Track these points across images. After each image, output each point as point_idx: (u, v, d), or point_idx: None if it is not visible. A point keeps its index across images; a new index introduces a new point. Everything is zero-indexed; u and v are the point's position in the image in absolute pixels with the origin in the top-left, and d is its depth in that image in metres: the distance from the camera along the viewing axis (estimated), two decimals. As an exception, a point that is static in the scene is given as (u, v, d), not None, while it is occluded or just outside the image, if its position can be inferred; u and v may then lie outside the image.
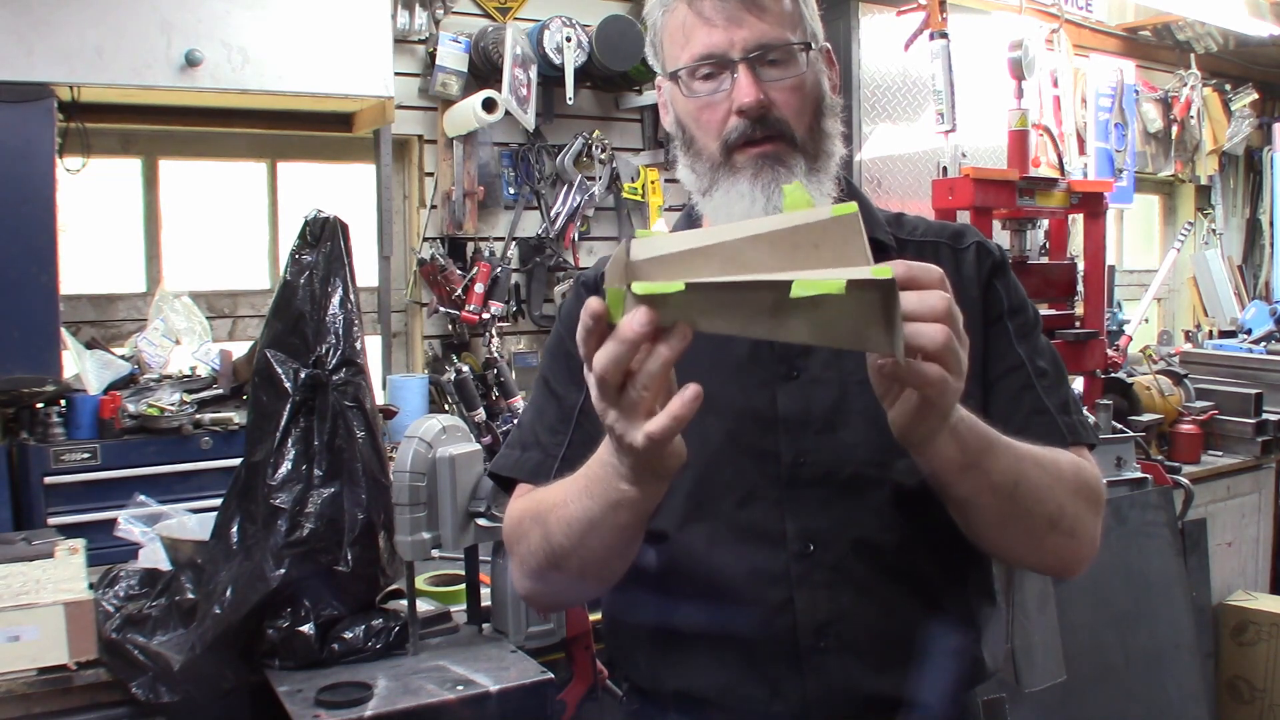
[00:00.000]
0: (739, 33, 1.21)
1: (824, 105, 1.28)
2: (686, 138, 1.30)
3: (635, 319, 0.89)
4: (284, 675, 1.76)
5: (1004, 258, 1.36)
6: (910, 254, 1.29)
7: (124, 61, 2.48)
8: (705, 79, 1.24)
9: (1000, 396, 1.28)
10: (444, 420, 1.87)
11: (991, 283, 1.32)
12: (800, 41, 1.23)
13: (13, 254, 2.38)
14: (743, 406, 1.25)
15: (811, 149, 1.25)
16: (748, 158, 1.23)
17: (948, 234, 1.36)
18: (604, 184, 3.46)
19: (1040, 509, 1.15)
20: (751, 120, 1.22)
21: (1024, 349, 1.30)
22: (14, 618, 1.73)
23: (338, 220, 1.97)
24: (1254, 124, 5.60)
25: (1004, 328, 1.30)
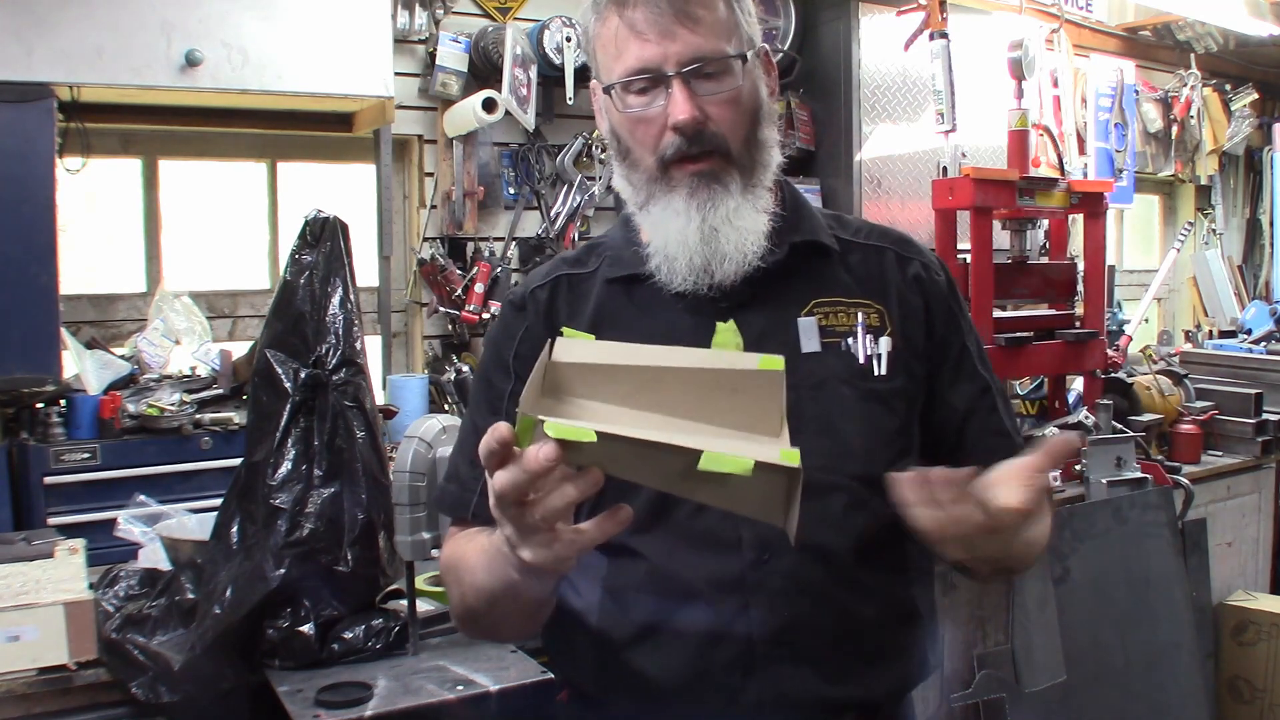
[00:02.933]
0: (672, 46, 1.18)
1: (760, 114, 1.27)
2: (622, 149, 1.29)
3: (542, 453, 0.86)
4: (284, 675, 1.76)
5: (949, 276, 1.37)
6: (854, 256, 1.31)
7: (124, 61, 2.48)
8: (639, 93, 1.22)
9: (971, 420, 1.32)
10: (444, 420, 1.87)
11: (948, 305, 1.33)
12: (735, 53, 1.21)
13: (13, 254, 2.38)
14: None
15: (747, 162, 1.24)
16: (684, 174, 1.22)
17: (892, 239, 1.35)
18: (604, 184, 3.46)
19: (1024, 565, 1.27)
20: (687, 137, 1.20)
21: (984, 371, 1.34)
22: (14, 618, 1.73)
23: (338, 220, 1.97)
24: (1254, 124, 5.60)
25: (967, 349, 1.33)
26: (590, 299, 1.33)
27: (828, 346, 1.25)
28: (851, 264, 1.31)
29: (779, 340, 1.23)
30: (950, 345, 1.31)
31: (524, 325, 1.35)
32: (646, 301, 1.29)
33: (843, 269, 1.30)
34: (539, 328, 1.34)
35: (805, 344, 1.25)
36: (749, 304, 1.25)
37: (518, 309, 1.36)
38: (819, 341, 1.25)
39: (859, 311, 1.27)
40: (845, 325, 1.27)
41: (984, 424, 1.31)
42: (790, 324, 1.25)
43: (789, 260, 1.27)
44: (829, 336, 1.26)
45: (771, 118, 1.29)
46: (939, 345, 1.30)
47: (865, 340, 1.26)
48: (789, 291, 1.27)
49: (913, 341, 1.28)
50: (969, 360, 1.32)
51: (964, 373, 1.31)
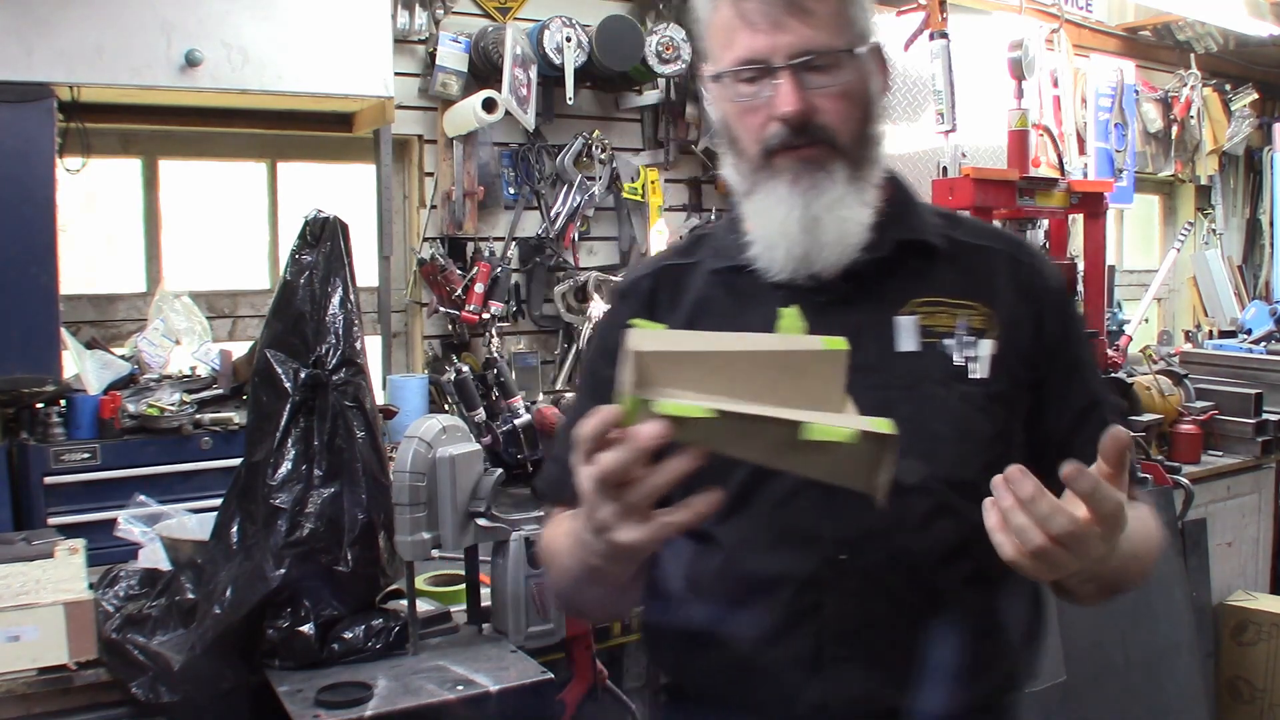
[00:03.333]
0: (782, 37, 1.18)
1: (871, 110, 1.25)
2: (730, 137, 1.28)
3: (653, 430, 0.90)
4: (284, 675, 1.76)
5: (1064, 281, 1.36)
6: (964, 257, 1.28)
7: (124, 61, 2.48)
8: (747, 82, 1.21)
9: (1078, 434, 1.25)
10: (444, 420, 1.87)
11: (1060, 310, 1.31)
12: (846, 47, 1.20)
13: (13, 254, 2.38)
14: None
15: (854, 155, 1.23)
16: (788, 161, 1.22)
17: (1007, 240, 1.33)
18: (604, 184, 3.46)
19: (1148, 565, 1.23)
20: (792, 128, 1.20)
21: (1096, 384, 1.31)
22: (14, 618, 1.73)
23: (338, 220, 1.97)
24: (1254, 124, 5.59)
25: (1080, 360, 1.30)
26: (691, 289, 1.34)
27: (926, 346, 1.23)
28: (960, 264, 1.28)
29: (874, 337, 1.22)
30: (1061, 355, 1.27)
31: (627, 315, 1.31)
32: (746, 292, 1.29)
33: (949, 269, 1.27)
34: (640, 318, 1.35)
35: (903, 343, 1.23)
36: (848, 299, 1.24)
37: (623, 298, 1.39)
38: (918, 341, 1.23)
39: (962, 313, 1.25)
40: (946, 326, 1.24)
41: (1091, 439, 1.13)
42: (888, 322, 1.24)
43: (892, 257, 1.25)
44: (928, 336, 1.24)
45: (881, 113, 1.27)
46: (1049, 353, 1.27)
47: (965, 342, 1.23)
48: (890, 289, 1.26)
49: (1019, 346, 1.25)
50: (1081, 372, 1.29)
51: (1075, 384, 1.28)
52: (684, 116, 3.57)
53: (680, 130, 3.59)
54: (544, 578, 1.34)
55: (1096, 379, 1.33)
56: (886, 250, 1.26)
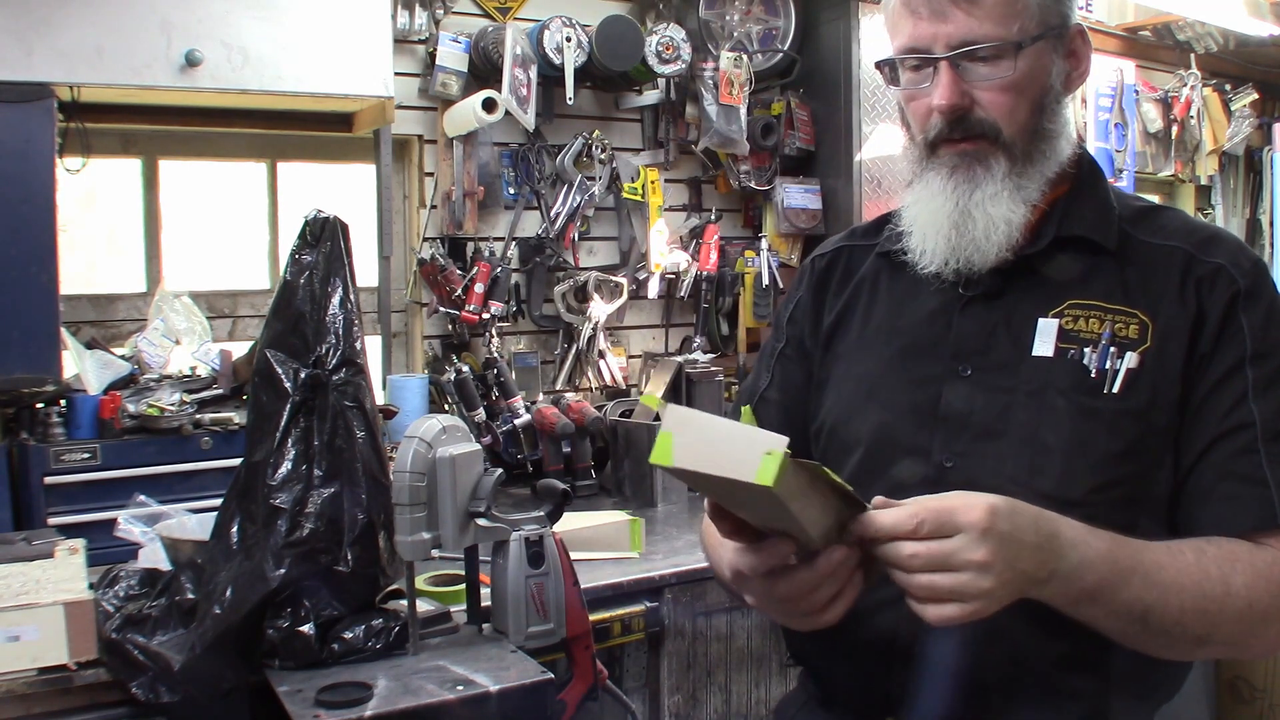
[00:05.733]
0: (944, 28, 1.17)
1: (1044, 102, 1.21)
2: (905, 121, 1.29)
3: (840, 557, 1.00)
4: (284, 675, 1.76)
5: (1257, 284, 1.17)
6: (1140, 257, 1.21)
7: (124, 61, 2.48)
8: (913, 70, 1.22)
9: (1210, 462, 1.14)
10: (444, 420, 1.87)
11: (1230, 318, 1.16)
12: (1013, 40, 1.17)
13: (13, 254, 2.38)
14: (908, 398, 1.25)
15: (1020, 149, 1.21)
16: (949, 153, 1.22)
17: (1195, 238, 1.21)
18: (604, 184, 3.46)
19: (1181, 632, 1.08)
20: (949, 121, 1.20)
21: (1263, 406, 1.13)
22: (14, 618, 1.73)
23: (338, 220, 1.97)
24: (1254, 124, 5.59)
25: (1239, 377, 1.15)
26: (859, 271, 1.37)
27: (1061, 352, 1.19)
28: (1129, 265, 1.20)
29: (1012, 338, 1.21)
30: (1216, 363, 1.15)
31: (800, 293, 1.43)
32: (904, 278, 1.29)
33: (1115, 269, 1.20)
34: (808, 298, 1.42)
35: (1038, 346, 1.20)
36: (997, 294, 1.23)
37: (800, 276, 1.44)
38: (1054, 346, 1.19)
39: (1115, 319, 1.18)
40: (1093, 332, 1.18)
41: (1227, 465, 1.12)
42: (1031, 322, 1.20)
43: (1051, 253, 1.22)
44: (1068, 342, 1.19)
45: (1060, 106, 1.23)
46: (1201, 361, 1.16)
47: (1108, 352, 1.16)
48: (1045, 287, 1.22)
49: (1171, 361, 1.16)
50: (1236, 385, 1.14)
51: (1223, 398, 1.14)
52: (684, 116, 3.57)
53: (680, 130, 3.59)
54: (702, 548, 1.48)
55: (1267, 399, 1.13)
56: (1043, 245, 1.22)
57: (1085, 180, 1.26)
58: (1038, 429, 1.17)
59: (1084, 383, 1.17)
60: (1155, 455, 1.16)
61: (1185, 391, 1.15)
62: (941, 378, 1.24)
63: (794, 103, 3.72)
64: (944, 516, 0.98)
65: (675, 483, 3.11)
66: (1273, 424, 1.13)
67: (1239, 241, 1.23)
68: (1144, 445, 1.15)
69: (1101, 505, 1.12)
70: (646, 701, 2.52)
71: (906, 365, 1.27)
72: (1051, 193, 1.23)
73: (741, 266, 3.70)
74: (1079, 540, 1.05)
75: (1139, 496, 1.15)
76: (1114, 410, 1.16)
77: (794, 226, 3.72)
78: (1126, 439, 1.15)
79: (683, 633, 2.52)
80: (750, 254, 3.71)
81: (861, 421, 1.30)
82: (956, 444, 1.21)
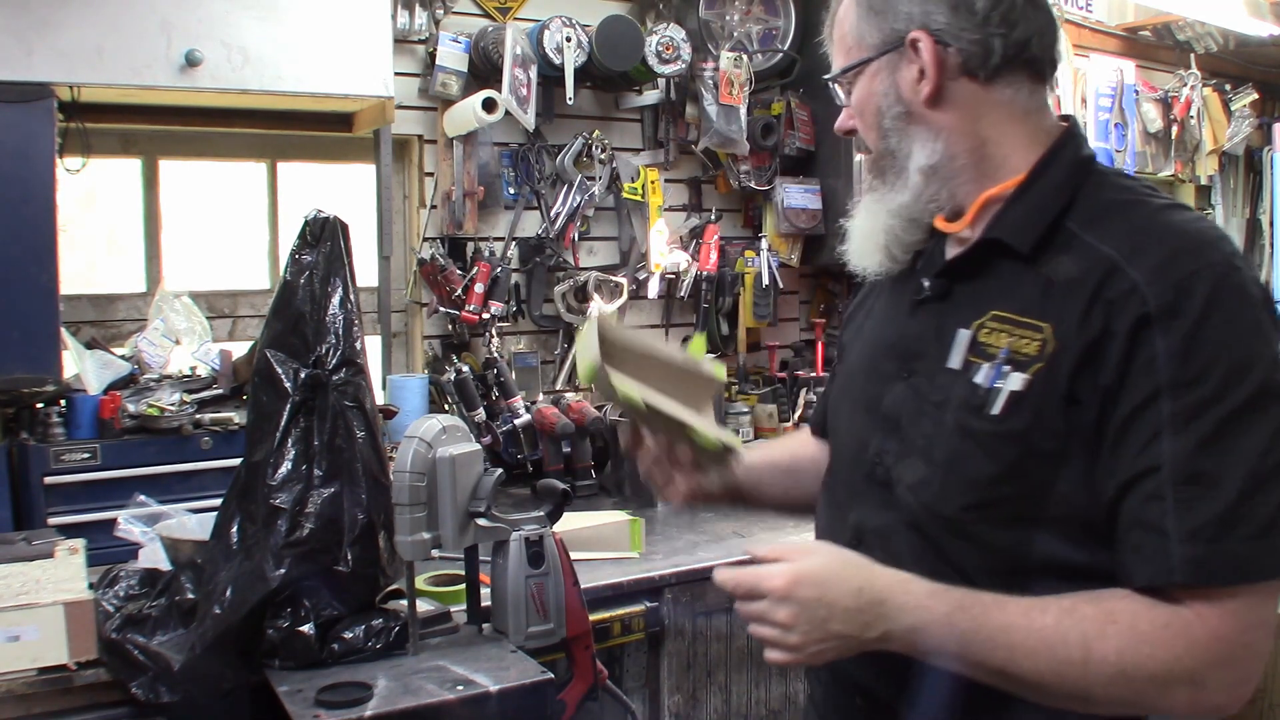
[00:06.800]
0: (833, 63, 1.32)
1: (881, 121, 1.24)
2: None
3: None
4: (284, 675, 1.76)
5: (1179, 304, 1.03)
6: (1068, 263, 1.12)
7: (124, 61, 2.48)
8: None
9: (1123, 507, 1.06)
10: (444, 420, 1.87)
11: (1139, 343, 1.04)
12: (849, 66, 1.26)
13: (13, 254, 2.38)
14: (866, 396, 1.31)
15: (879, 163, 1.27)
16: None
17: (1130, 247, 1.09)
18: (604, 184, 3.46)
19: (1057, 692, 1.07)
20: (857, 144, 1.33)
21: (1175, 445, 1.02)
22: (14, 618, 1.73)
23: (338, 220, 1.97)
24: (1254, 124, 5.59)
25: (1152, 411, 1.03)
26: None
27: (967, 366, 1.16)
28: (1057, 273, 1.12)
29: (939, 345, 1.20)
30: (1126, 396, 1.05)
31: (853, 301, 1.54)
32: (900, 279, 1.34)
33: (1042, 279, 1.13)
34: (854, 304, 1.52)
35: (952, 358, 1.18)
36: (942, 299, 1.23)
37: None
38: (963, 359, 1.17)
39: (1019, 335, 1.12)
40: (995, 348, 1.14)
41: (1135, 512, 1.05)
42: (954, 333, 1.19)
43: (989, 258, 1.19)
44: (976, 356, 1.16)
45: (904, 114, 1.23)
46: (1108, 394, 1.06)
47: (1000, 371, 1.12)
48: (981, 294, 1.19)
49: (1074, 386, 1.07)
50: (1148, 421, 1.03)
51: (1134, 436, 1.04)
52: (684, 116, 3.57)
53: (680, 130, 3.59)
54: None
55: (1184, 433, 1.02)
56: (966, 250, 1.22)
57: (1036, 179, 1.19)
58: (931, 443, 1.18)
59: (970, 401, 1.15)
60: (1041, 478, 1.10)
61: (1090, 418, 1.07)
62: (892, 378, 1.26)
63: (794, 103, 3.72)
64: (752, 580, 1.13)
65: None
66: (1185, 465, 1.02)
67: (1184, 248, 1.08)
68: (1024, 468, 1.10)
69: (980, 523, 1.13)
70: (646, 701, 2.52)
71: (874, 363, 1.31)
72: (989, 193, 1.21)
73: (741, 266, 3.70)
74: (914, 605, 1.09)
75: (1026, 516, 1.11)
76: (991, 432, 1.12)
77: (794, 226, 3.72)
78: (1003, 462, 1.11)
79: (683, 633, 2.52)
80: (750, 254, 3.71)
81: (838, 416, 1.41)
82: (888, 445, 1.24)
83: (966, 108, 1.20)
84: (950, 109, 1.20)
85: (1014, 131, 1.20)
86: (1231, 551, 1.01)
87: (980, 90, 1.20)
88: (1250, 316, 1.05)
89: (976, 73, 1.19)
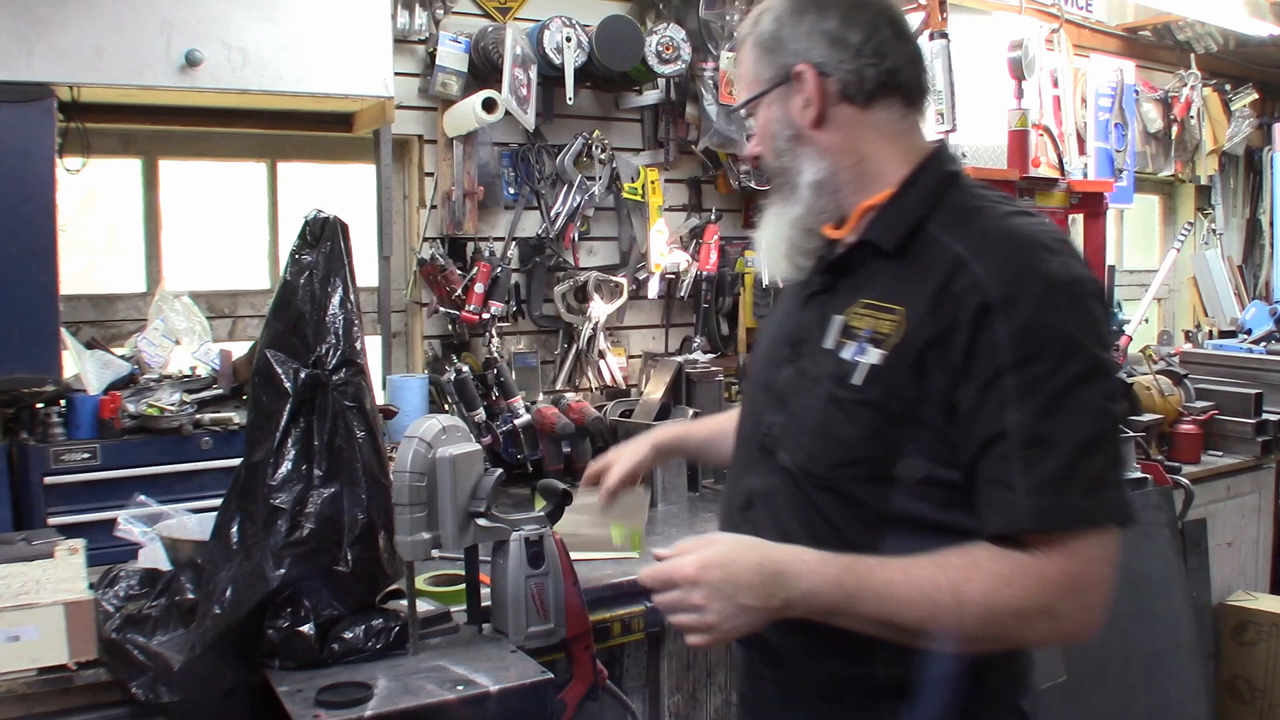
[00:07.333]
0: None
1: (776, 146, 1.45)
2: None
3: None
4: (284, 675, 1.76)
5: (1015, 294, 1.22)
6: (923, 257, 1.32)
7: (124, 61, 2.48)
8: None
9: (977, 472, 1.25)
10: (444, 420, 1.87)
11: (982, 329, 1.23)
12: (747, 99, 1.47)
13: (13, 254, 2.38)
14: (763, 377, 1.52)
15: (780, 182, 1.47)
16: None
17: (975, 244, 1.28)
18: (604, 184, 3.46)
19: (938, 634, 1.24)
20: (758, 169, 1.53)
21: (1019, 414, 1.21)
22: (14, 618, 1.73)
23: (338, 220, 1.97)
24: (1254, 124, 5.59)
25: (997, 387, 1.22)
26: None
27: (838, 345, 1.36)
28: (916, 266, 1.32)
29: (820, 330, 1.40)
30: (974, 375, 1.23)
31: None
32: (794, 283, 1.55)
33: (901, 271, 1.33)
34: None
35: (828, 339, 1.38)
36: (825, 293, 1.44)
37: None
38: (835, 339, 1.37)
39: (879, 317, 1.32)
40: (860, 329, 1.34)
41: (987, 472, 1.24)
42: (831, 318, 1.39)
43: (863, 256, 1.39)
44: (845, 336, 1.35)
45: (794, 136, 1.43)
46: (958, 372, 1.24)
47: (863, 348, 1.32)
48: (854, 287, 1.39)
49: (923, 360, 1.26)
50: (994, 396, 1.22)
51: (984, 409, 1.23)
52: (684, 116, 3.57)
53: (680, 130, 3.59)
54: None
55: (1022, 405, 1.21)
56: (843, 251, 1.43)
57: (906, 190, 1.38)
58: (807, 412, 1.38)
59: (837, 374, 1.34)
60: (894, 441, 1.29)
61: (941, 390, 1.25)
62: (784, 361, 1.46)
63: (794, 103, 3.72)
64: (666, 573, 1.30)
65: (675, 482, 3.15)
66: (1027, 431, 1.20)
67: (1021, 246, 1.26)
68: (881, 433, 1.30)
69: (846, 480, 1.33)
70: (646, 701, 2.52)
71: (773, 350, 1.51)
72: (867, 203, 1.40)
73: (741, 266, 3.70)
74: (806, 572, 1.26)
75: (884, 476, 1.30)
76: (853, 399, 1.32)
77: (794, 226, 3.71)
78: (863, 426, 1.31)
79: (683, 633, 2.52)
80: (750, 254, 3.71)
81: (744, 396, 1.65)
82: (775, 418, 1.44)
83: (847, 129, 1.40)
84: (833, 130, 1.41)
85: (888, 149, 1.41)
86: (1069, 503, 1.20)
87: (858, 113, 1.40)
88: (1078, 304, 1.23)
89: (854, 98, 1.39)
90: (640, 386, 3.57)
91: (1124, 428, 1.25)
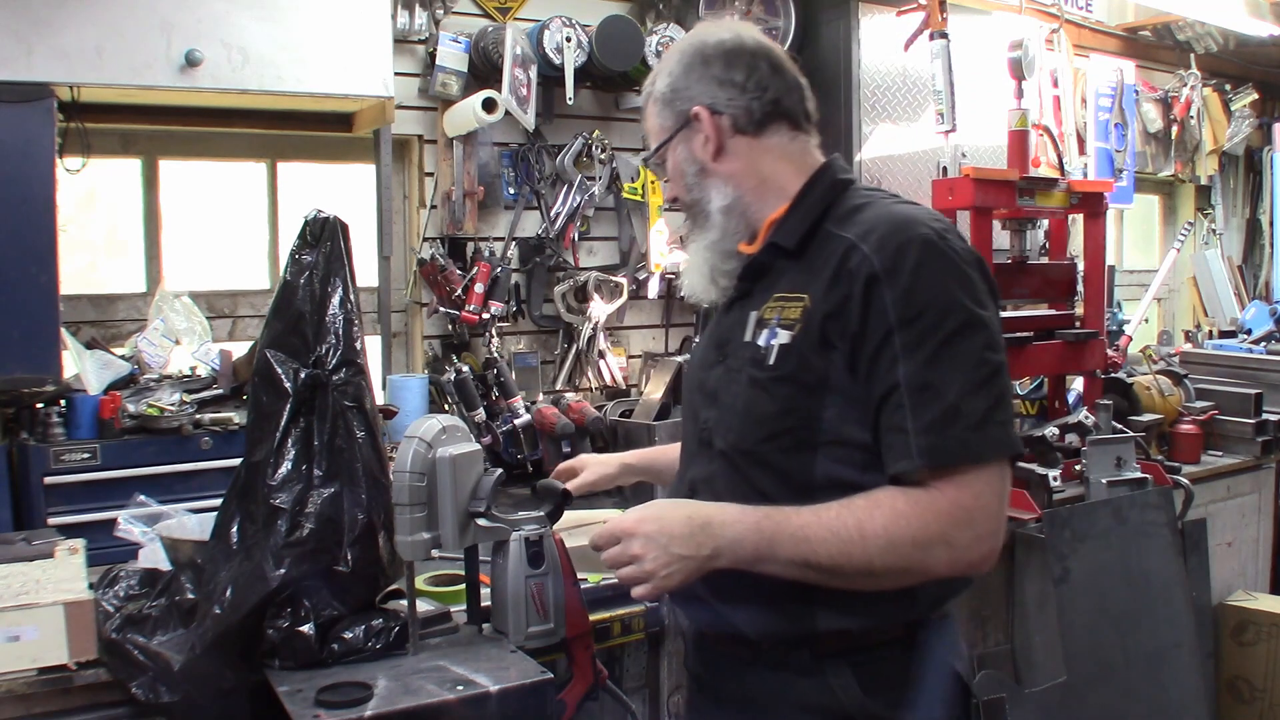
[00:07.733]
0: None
1: (686, 182, 1.62)
2: None
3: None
4: (284, 675, 1.75)
5: (897, 263, 1.40)
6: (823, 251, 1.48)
7: (124, 61, 2.48)
8: None
9: (878, 422, 1.40)
10: (444, 420, 1.87)
11: (871, 296, 1.39)
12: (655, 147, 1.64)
13: (13, 254, 2.38)
14: (697, 380, 1.67)
15: (694, 214, 1.64)
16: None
17: (861, 230, 1.45)
18: (604, 184, 3.46)
19: (848, 570, 1.38)
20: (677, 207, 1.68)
21: (907, 366, 1.37)
22: (14, 618, 1.73)
23: (338, 220, 1.97)
24: (1254, 124, 5.59)
25: (889, 345, 1.38)
26: None
27: (754, 335, 1.52)
28: (816, 259, 1.48)
29: (740, 329, 1.55)
30: (869, 338, 1.39)
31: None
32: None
33: (805, 265, 1.50)
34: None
35: (747, 333, 1.54)
36: (743, 298, 1.60)
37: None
38: (752, 332, 1.52)
39: (786, 305, 1.48)
40: (771, 318, 1.50)
41: (885, 421, 1.39)
42: (749, 315, 1.55)
43: (772, 260, 1.56)
44: (760, 327, 1.51)
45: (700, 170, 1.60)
46: (856, 339, 1.40)
47: (774, 333, 1.48)
48: (766, 287, 1.55)
49: (825, 332, 1.42)
50: (887, 353, 1.38)
51: (879, 366, 1.39)
52: (684, 116, 3.57)
53: (680, 130, 3.59)
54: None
55: (913, 358, 1.37)
56: (757, 255, 1.57)
57: (802, 199, 1.56)
58: (734, 398, 1.52)
59: (755, 358, 1.49)
60: (811, 410, 1.44)
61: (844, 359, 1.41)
62: (714, 363, 1.60)
63: (794, 103, 3.72)
64: (609, 531, 1.45)
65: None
66: (916, 379, 1.36)
67: (899, 226, 1.43)
68: (797, 403, 1.45)
69: (774, 453, 1.47)
70: (646, 701, 2.52)
71: (705, 356, 1.66)
72: (772, 217, 1.57)
73: (741, 266, 3.70)
74: (730, 521, 1.41)
75: (807, 442, 1.45)
76: (769, 378, 1.47)
77: (794, 226, 3.72)
78: (781, 400, 1.46)
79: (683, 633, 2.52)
80: (750, 254, 3.71)
81: (684, 400, 1.76)
82: (710, 413, 1.58)
83: (744, 156, 1.59)
84: (732, 160, 1.59)
85: (784, 168, 1.58)
86: (957, 438, 1.34)
87: (752, 141, 1.58)
88: (953, 268, 1.41)
89: (745, 129, 1.58)
90: (640, 386, 3.57)
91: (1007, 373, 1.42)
